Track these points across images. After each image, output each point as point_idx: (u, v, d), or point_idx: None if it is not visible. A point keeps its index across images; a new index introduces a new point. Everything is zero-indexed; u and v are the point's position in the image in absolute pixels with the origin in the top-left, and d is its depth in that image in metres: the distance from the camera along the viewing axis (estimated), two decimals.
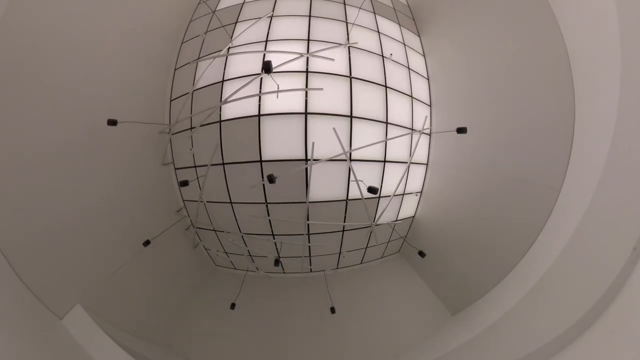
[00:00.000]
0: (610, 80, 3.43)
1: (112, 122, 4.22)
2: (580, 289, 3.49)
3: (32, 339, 3.17)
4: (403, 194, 6.05)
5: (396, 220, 6.20)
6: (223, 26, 5.60)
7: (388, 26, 6.25)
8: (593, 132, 3.86)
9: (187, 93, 5.36)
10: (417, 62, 6.30)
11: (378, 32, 6.04)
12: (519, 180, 4.67)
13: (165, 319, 5.55)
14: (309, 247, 5.95)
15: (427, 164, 6.15)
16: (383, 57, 5.81)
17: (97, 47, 4.25)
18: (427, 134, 6.05)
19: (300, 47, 5.40)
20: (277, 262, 5.31)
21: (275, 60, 4.73)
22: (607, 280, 3.21)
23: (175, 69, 5.73)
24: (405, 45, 6.28)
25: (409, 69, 6.09)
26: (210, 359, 5.61)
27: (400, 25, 6.46)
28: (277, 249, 5.95)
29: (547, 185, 4.33)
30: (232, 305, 5.50)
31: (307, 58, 5.29)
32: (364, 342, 5.72)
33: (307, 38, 5.49)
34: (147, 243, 4.71)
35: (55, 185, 3.85)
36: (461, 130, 4.67)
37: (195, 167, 5.49)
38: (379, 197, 5.73)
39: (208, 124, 5.24)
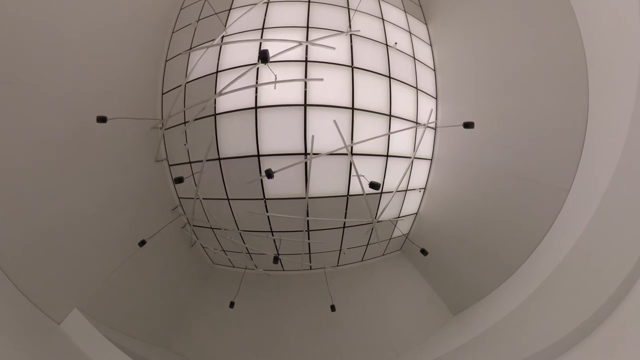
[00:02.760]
0: (628, 80, 3.37)
1: (102, 119, 4.17)
2: (584, 294, 3.56)
3: (30, 346, 3.27)
4: (406, 190, 6.06)
5: (398, 217, 6.24)
6: (216, 13, 5.42)
7: (393, 13, 6.08)
8: (606, 133, 3.83)
9: (180, 85, 5.28)
10: (423, 51, 6.17)
11: (382, 19, 5.87)
12: (526, 180, 4.67)
13: (163, 320, 5.70)
14: (309, 244, 6.03)
15: (431, 160, 6.13)
16: (387, 46, 5.68)
17: (81, 39, 4.13)
18: (432, 128, 5.99)
19: (299, 35, 5.28)
20: (276, 259, 5.38)
21: (272, 49, 4.66)
22: (612, 286, 3.27)
23: (166, 61, 5.62)
24: (411, 33, 6.12)
25: (414, 59, 5.97)
26: (210, 358, 5.80)
27: (406, 12, 6.28)
28: (276, 246, 6.02)
29: (556, 186, 4.34)
30: (231, 304, 5.61)
31: (306, 46, 5.19)
32: (364, 340, 5.89)
33: (306, 25, 5.35)
34: (142, 243, 4.74)
35: (44, 188, 3.85)
36: (468, 125, 4.62)
37: (190, 163, 5.47)
38: (381, 192, 5.76)
39: (202, 117, 5.18)
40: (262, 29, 5.29)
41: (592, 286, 3.51)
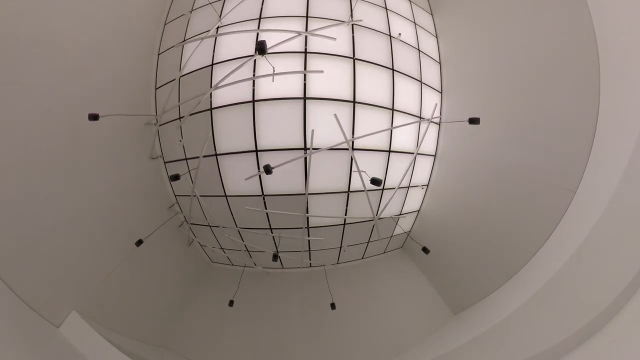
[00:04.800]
0: None
1: (94, 117, 4.12)
2: (586, 297, 3.63)
3: (30, 351, 3.35)
4: (408, 187, 6.08)
5: (400, 214, 6.29)
6: (210, 3, 5.28)
7: (397, 2, 5.94)
8: (616, 133, 3.82)
9: (174, 79, 5.21)
10: (428, 43, 6.07)
11: (386, 8, 5.75)
12: (532, 179, 4.68)
13: (163, 320, 5.83)
14: (309, 241, 6.09)
15: (435, 156, 6.13)
16: (390, 37, 5.59)
17: (68, 33, 4.04)
18: (436, 123, 5.97)
19: (298, 25, 5.19)
20: (275, 257, 5.46)
21: (270, 39, 4.55)
22: (615, 290, 3.33)
23: (159, 54, 5.53)
24: (415, 24, 6.02)
25: (419, 51, 5.88)
26: (210, 357, 5.95)
27: (410, 1, 6.14)
28: (275, 243, 6.09)
29: (562, 186, 4.36)
30: (230, 303, 5.74)
31: (306, 37, 5.10)
32: (364, 339, 6.05)
33: (305, 15, 5.25)
34: (139, 242, 4.79)
35: (37, 189, 3.85)
36: (473, 121, 4.59)
37: (186, 159, 5.47)
38: (383, 189, 5.78)
39: (198, 112, 5.15)
40: (259, 18, 5.18)
41: (595, 289, 3.58)
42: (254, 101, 5.05)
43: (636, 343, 2.91)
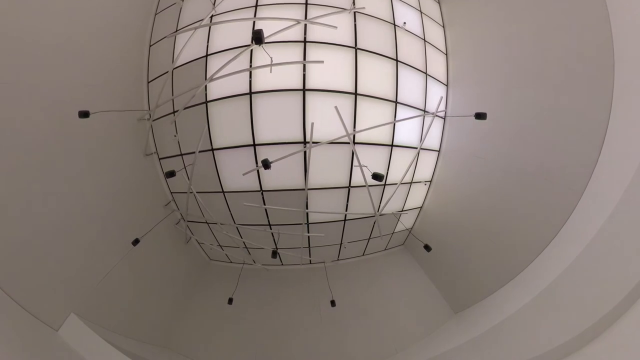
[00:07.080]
0: None
1: (84, 114, 4.09)
2: (589, 300, 3.70)
3: (30, 355, 3.46)
4: (411, 183, 6.11)
5: (402, 211, 6.34)
6: None
7: None
8: (628, 134, 3.78)
9: (167, 72, 5.15)
10: (434, 33, 5.96)
11: None
12: (539, 177, 4.68)
13: (162, 319, 5.95)
14: (308, 237, 6.17)
15: (439, 151, 6.13)
16: (395, 25, 5.47)
17: (56, 27, 3.93)
18: (441, 117, 5.92)
19: (297, 13, 5.08)
20: (274, 254, 5.54)
21: (267, 28, 4.50)
22: (619, 295, 3.39)
23: (150, 45, 5.43)
24: (422, 13, 5.88)
25: (424, 41, 5.78)
26: (211, 356, 6.11)
27: None
28: (274, 240, 6.18)
29: (570, 186, 4.36)
30: (230, 300, 5.87)
31: (305, 25, 5.02)
32: (364, 336, 6.21)
33: (304, 1, 5.11)
34: (136, 242, 4.85)
35: (30, 191, 3.85)
36: (480, 116, 4.59)
37: (181, 155, 5.47)
38: (385, 184, 5.80)
39: (193, 106, 5.11)
40: (256, 6, 5.06)
41: (597, 293, 3.64)
42: (251, 93, 5.00)
43: (637, 349, 2.99)
